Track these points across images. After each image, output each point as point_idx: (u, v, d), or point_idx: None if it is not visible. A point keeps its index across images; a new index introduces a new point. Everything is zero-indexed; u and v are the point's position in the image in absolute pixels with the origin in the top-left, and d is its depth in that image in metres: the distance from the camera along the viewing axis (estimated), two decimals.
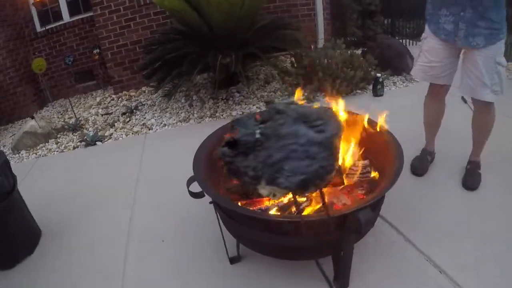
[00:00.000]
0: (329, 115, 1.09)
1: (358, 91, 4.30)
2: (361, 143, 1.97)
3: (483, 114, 2.33)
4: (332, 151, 0.95)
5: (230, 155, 0.91)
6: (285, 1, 5.22)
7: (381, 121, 1.94)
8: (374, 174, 1.96)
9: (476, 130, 2.45)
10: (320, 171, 0.90)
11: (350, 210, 1.50)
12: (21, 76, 5.78)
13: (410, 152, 2.68)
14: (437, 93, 2.48)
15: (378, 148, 1.94)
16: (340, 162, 1.83)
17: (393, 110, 1.87)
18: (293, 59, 4.48)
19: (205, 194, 1.76)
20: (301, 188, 0.95)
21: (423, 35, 2.39)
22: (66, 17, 5.93)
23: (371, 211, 1.48)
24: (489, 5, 2.01)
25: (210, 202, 1.84)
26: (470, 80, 2.21)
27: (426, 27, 2.34)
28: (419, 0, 2.47)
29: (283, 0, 5.21)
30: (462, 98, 2.72)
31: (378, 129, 1.92)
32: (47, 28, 5.91)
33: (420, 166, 2.66)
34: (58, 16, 5.95)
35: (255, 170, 0.91)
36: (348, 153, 1.93)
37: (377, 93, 4.18)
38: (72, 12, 5.93)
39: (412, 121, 2.88)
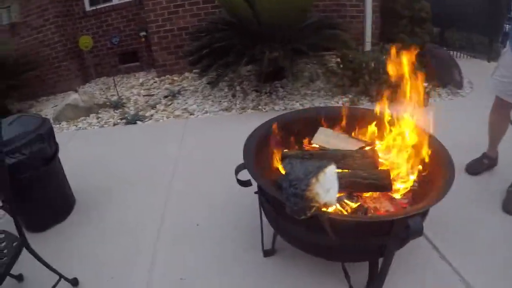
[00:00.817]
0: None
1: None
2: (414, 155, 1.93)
3: None
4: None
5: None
6: (335, 0, 5.19)
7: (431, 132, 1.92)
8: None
9: None
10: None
11: (401, 215, 1.49)
12: (67, 51, 5.96)
13: (462, 157, 2.64)
14: (502, 107, 2.48)
15: (429, 157, 1.87)
16: (393, 169, 1.86)
17: (437, 121, 1.85)
18: (339, 59, 4.45)
19: (252, 183, 1.77)
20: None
21: (503, 50, 2.39)
22: None
23: (421, 220, 1.48)
24: None
25: (256, 192, 1.85)
26: None
27: (508, 42, 2.33)
28: (472, 10, 2.42)
29: None
30: None
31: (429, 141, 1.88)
32: (96, 8, 6.04)
33: (473, 165, 2.69)
34: None
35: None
36: (403, 163, 1.92)
37: (424, 103, 4.10)
38: None
39: (458, 132, 2.88)
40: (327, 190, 1.43)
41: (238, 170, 1.82)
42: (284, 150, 1.99)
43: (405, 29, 5.26)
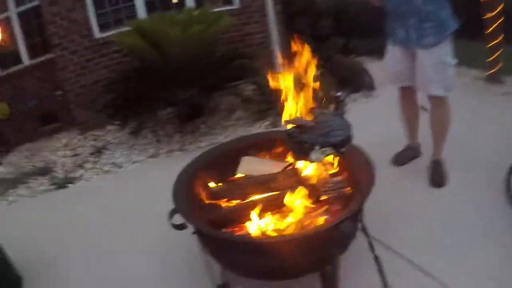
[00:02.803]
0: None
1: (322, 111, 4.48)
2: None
3: (437, 109, 2.68)
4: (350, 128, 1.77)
5: (297, 132, 1.71)
6: (240, 31, 5.41)
7: None
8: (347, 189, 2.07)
9: (434, 127, 2.75)
10: (349, 137, 1.70)
11: (331, 223, 1.63)
12: None
13: (385, 156, 3.04)
14: (404, 95, 2.89)
15: (349, 161, 2.08)
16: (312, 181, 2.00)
17: (356, 125, 2.03)
18: (255, 86, 4.64)
19: (187, 226, 1.84)
20: (341, 144, 1.67)
21: (386, 47, 2.79)
22: (26, 60, 5.91)
23: (351, 223, 1.66)
24: (429, 10, 2.41)
25: (193, 233, 1.91)
26: (422, 78, 2.60)
27: (389, 41, 2.77)
28: (369, 18, 2.80)
29: (238, 30, 5.39)
30: (421, 107, 3.02)
31: None
32: (7, 72, 5.86)
33: (399, 157, 3.02)
34: (18, 59, 5.92)
35: (312, 140, 1.68)
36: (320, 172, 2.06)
37: (338, 112, 4.36)
38: (32, 55, 5.90)
39: (378, 131, 3.25)
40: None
41: (171, 214, 1.90)
42: (211, 186, 2.09)
43: (310, 46, 5.56)
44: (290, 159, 2.21)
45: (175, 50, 4.11)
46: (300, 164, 2.16)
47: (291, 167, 2.14)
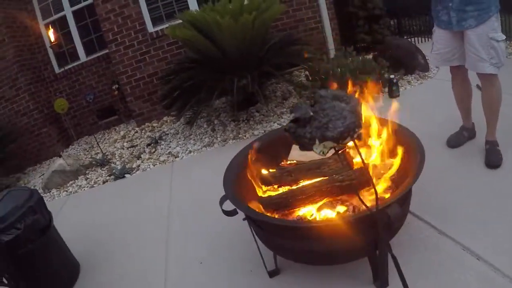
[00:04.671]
0: (351, 95, 1.56)
1: (375, 94, 4.35)
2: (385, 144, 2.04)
3: (488, 87, 2.57)
4: (356, 114, 1.47)
5: (294, 127, 1.49)
6: (292, 17, 5.35)
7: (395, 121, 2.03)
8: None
9: (486, 107, 2.65)
10: (351, 125, 1.42)
11: (379, 207, 1.55)
12: (44, 117, 5.99)
13: (440, 138, 2.94)
14: (456, 74, 2.80)
15: (399, 145, 1.99)
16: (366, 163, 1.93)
17: (411, 107, 1.94)
18: (307, 72, 4.57)
19: (238, 211, 1.83)
20: (341, 136, 1.43)
21: (433, 29, 2.74)
22: (82, 57, 6.17)
23: (398, 207, 1.57)
24: None
25: (244, 219, 1.91)
26: (470, 57, 2.51)
27: (434, 23, 2.71)
28: None
29: (290, 17, 5.34)
30: (477, 86, 2.89)
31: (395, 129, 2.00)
32: (65, 69, 6.15)
33: (454, 139, 2.91)
34: (75, 56, 6.20)
35: (311, 134, 1.46)
36: (374, 155, 2.03)
37: (393, 94, 4.25)
38: (88, 51, 6.17)
39: (433, 112, 3.10)
40: None
41: (222, 201, 1.90)
42: (263, 172, 2.08)
43: (363, 28, 5.42)
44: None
45: (227, 39, 4.10)
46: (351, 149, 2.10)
47: (342, 151, 2.09)
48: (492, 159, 2.57)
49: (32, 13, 6.06)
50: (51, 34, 5.98)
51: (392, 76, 4.29)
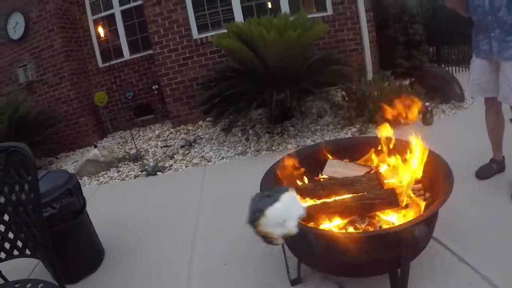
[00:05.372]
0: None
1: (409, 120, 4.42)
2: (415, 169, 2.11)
3: None
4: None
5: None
6: (334, 37, 5.48)
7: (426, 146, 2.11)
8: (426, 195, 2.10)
9: None
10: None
11: (407, 225, 1.64)
12: (83, 107, 6.27)
13: (470, 169, 2.98)
14: (490, 106, 2.84)
15: (430, 171, 2.09)
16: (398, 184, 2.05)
17: (443, 136, 1.99)
18: (344, 92, 4.68)
19: None
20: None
21: (471, 59, 2.79)
22: (126, 55, 6.44)
23: (425, 227, 1.64)
24: None
25: None
26: (504, 89, 2.56)
27: (473, 52, 2.76)
28: (461, 27, 2.80)
29: (331, 37, 5.47)
30: (510, 120, 2.94)
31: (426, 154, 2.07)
32: (109, 64, 6.43)
33: (483, 170, 2.93)
34: (119, 53, 6.48)
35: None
36: (403, 178, 2.10)
37: (427, 122, 4.30)
38: (132, 50, 6.43)
39: (464, 143, 3.19)
40: (280, 224, 1.60)
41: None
42: (299, 184, 2.22)
43: (402, 53, 5.49)
44: (373, 163, 2.29)
45: (271, 53, 4.25)
46: (383, 169, 2.23)
47: (374, 171, 2.20)
48: None
49: (82, 7, 6.39)
50: (100, 30, 6.29)
51: (427, 104, 4.35)
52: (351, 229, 1.95)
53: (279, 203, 1.62)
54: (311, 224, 2.03)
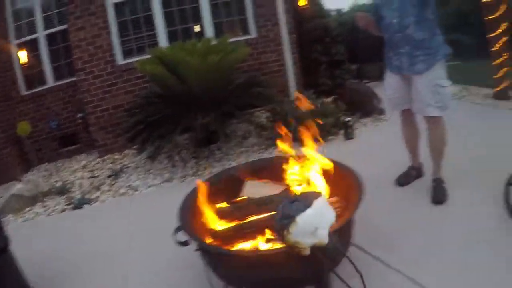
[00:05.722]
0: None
1: (331, 136, 4.58)
2: (329, 183, 2.20)
3: (433, 129, 2.81)
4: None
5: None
6: (258, 59, 5.62)
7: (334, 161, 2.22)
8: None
9: (431, 147, 2.87)
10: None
11: None
12: (6, 138, 5.84)
13: (391, 174, 3.15)
14: (404, 117, 3.04)
15: (343, 183, 2.17)
16: None
17: (365, 149, 2.05)
18: (269, 113, 4.76)
19: (191, 243, 1.93)
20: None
21: (385, 75, 2.99)
22: (50, 82, 6.16)
23: (336, 238, 1.63)
24: (421, 38, 2.61)
25: (196, 250, 1.97)
26: (417, 101, 2.75)
27: (386, 68, 2.97)
28: (380, 44, 2.98)
29: (255, 59, 5.61)
30: None
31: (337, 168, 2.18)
32: (32, 91, 6.12)
33: (402, 177, 3.12)
34: (43, 80, 6.18)
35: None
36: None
37: (348, 136, 4.49)
38: (57, 76, 6.17)
39: (385, 153, 3.38)
40: (311, 233, 1.50)
41: (176, 231, 2.00)
42: (216, 207, 2.23)
43: (325, 73, 5.71)
44: (288, 181, 2.35)
45: (194, 78, 4.26)
46: (296, 186, 2.29)
47: (287, 189, 2.28)
48: (438, 196, 2.78)
49: (5, 31, 6.04)
50: (22, 55, 5.99)
51: (347, 119, 4.55)
52: (267, 247, 1.95)
53: (311, 209, 1.48)
54: (230, 246, 2.03)
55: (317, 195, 1.61)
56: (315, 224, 1.48)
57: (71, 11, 5.38)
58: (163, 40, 5.65)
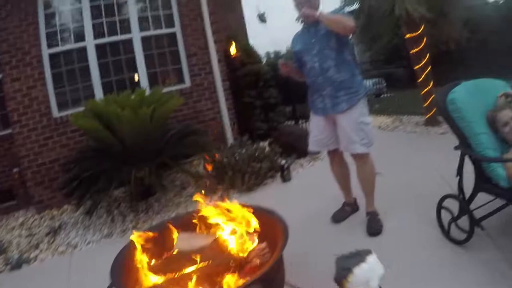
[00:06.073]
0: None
1: (269, 180, 4.79)
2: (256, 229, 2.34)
3: (361, 166, 2.95)
4: None
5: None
6: (192, 108, 5.79)
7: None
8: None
9: (362, 183, 3.03)
10: None
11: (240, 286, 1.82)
12: None
13: (328, 212, 3.25)
14: (333, 157, 3.17)
15: (272, 230, 2.31)
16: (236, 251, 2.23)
17: (302, 189, 2.17)
18: (205, 162, 4.93)
19: None
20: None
21: (310, 117, 3.13)
22: None
23: (259, 285, 1.80)
24: (342, 79, 2.81)
25: None
26: (343, 139, 2.91)
27: (311, 111, 3.12)
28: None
29: (190, 108, 5.77)
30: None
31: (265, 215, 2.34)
32: None
33: (338, 214, 3.23)
34: None
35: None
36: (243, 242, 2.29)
37: (285, 178, 4.69)
38: None
39: (321, 192, 3.46)
40: (364, 283, 1.75)
41: None
42: (149, 262, 2.29)
43: (260, 117, 5.99)
44: (218, 231, 2.45)
45: (127, 131, 4.34)
46: (226, 236, 2.39)
47: (216, 240, 2.37)
48: (373, 228, 2.92)
49: None
50: None
51: (283, 162, 4.78)
52: None
53: (365, 263, 1.76)
54: None
55: (368, 251, 1.87)
56: (368, 276, 1.77)
57: (6, 60, 5.34)
58: (98, 91, 5.71)
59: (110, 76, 5.87)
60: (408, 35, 5.72)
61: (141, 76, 5.89)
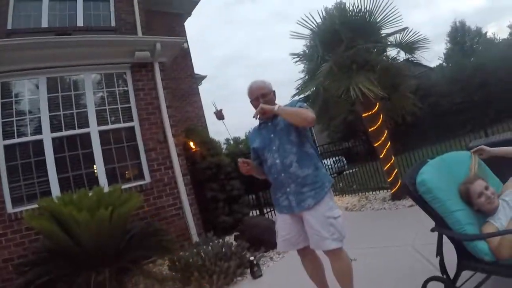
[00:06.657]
0: None
1: (238, 278, 4.54)
2: None
3: (336, 261, 2.73)
4: None
5: None
6: (154, 205, 5.67)
7: None
8: None
9: (339, 278, 2.77)
10: None
11: None
12: None
13: None
14: (304, 255, 2.93)
15: None
16: None
17: (273, 285, 2.02)
18: (169, 262, 4.75)
19: None
20: None
21: (275, 217, 2.97)
22: None
23: None
24: (305, 174, 2.67)
25: None
26: (313, 238, 2.69)
27: (276, 210, 2.94)
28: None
29: (151, 205, 5.64)
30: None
31: None
32: None
33: None
34: None
35: None
36: None
37: (255, 275, 4.41)
38: None
39: (295, 285, 3.33)
40: None
41: None
42: None
43: (223, 210, 5.98)
44: None
45: (85, 233, 4.14)
46: None
47: None
48: None
49: None
50: None
51: (251, 258, 4.50)
52: None
53: None
54: None
55: None
56: None
57: None
58: (55, 187, 5.51)
59: (68, 171, 5.69)
60: (364, 114, 5.83)
61: (99, 171, 5.74)
